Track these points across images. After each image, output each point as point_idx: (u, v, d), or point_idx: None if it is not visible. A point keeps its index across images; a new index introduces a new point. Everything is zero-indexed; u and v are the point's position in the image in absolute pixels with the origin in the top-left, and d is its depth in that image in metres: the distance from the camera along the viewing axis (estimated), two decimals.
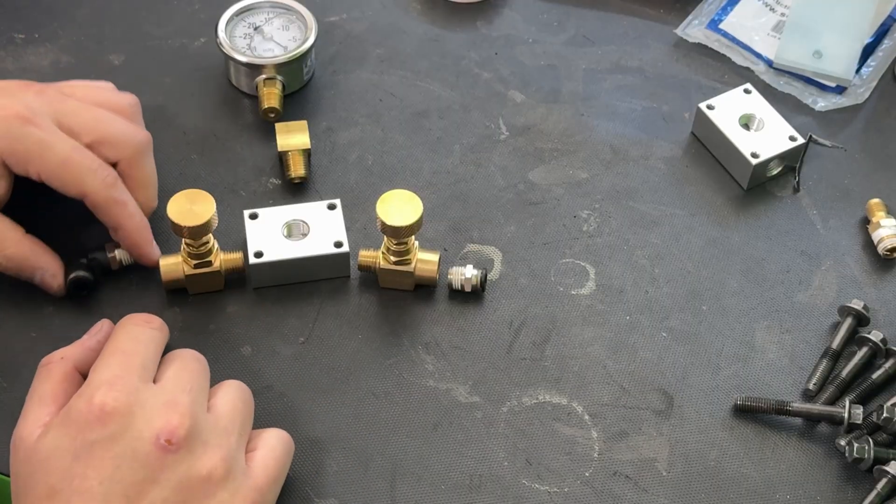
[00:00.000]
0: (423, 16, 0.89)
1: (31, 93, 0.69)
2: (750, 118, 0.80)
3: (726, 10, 0.89)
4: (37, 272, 0.69)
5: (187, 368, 0.61)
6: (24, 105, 0.68)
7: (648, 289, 0.73)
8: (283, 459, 0.61)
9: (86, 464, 0.55)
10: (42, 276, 0.70)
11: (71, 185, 0.69)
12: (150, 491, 0.55)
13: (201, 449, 0.57)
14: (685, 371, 0.70)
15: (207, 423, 0.59)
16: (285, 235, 0.72)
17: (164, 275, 0.70)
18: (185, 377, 0.60)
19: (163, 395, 0.58)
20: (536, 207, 0.77)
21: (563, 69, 0.86)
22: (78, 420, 0.57)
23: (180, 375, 0.60)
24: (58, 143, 0.68)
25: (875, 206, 0.77)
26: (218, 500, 0.57)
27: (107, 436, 0.56)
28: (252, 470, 0.59)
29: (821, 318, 0.72)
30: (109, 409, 0.56)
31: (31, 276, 0.69)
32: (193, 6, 0.88)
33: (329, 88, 0.84)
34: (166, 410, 0.57)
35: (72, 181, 0.68)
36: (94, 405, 0.56)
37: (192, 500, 0.56)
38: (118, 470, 0.55)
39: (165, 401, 0.58)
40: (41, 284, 0.70)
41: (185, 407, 0.58)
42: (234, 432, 0.59)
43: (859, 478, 0.65)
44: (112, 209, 0.69)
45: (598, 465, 0.65)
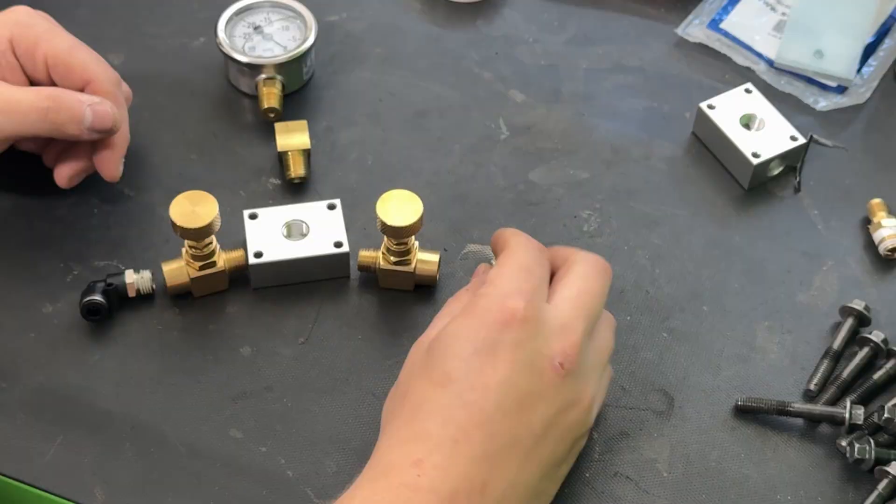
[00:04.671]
0: (423, 15, 0.89)
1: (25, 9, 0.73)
2: (751, 118, 0.80)
3: (727, 9, 0.89)
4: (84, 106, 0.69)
5: (589, 291, 0.61)
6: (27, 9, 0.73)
7: (649, 289, 0.73)
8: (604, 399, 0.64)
9: (485, 360, 0.56)
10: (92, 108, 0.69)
11: (77, 70, 0.71)
12: (537, 405, 0.57)
13: (580, 379, 0.59)
14: (686, 371, 0.70)
15: (588, 355, 0.60)
16: (285, 235, 0.72)
17: (168, 280, 0.70)
18: (584, 301, 0.61)
19: (561, 317, 0.59)
20: (537, 207, 0.77)
21: (563, 69, 0.86)
22: (485, 317, 0.57)
23: (580, 298, 0.61)
24: (65, 34, 0.72)
25: (876, 206, 0.77)
26: (578, 429, 0.59)
27: (511, 340, 0.57)
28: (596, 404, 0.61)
29: (822, 318, 0.72)
30: (520, 317, 0.57)
31: (82, 112, 0.69)
32: (193, 6, 0.88)
33: (329, 88, 0.84)
34: (563, 333, 0.58)
35: (79, 65, 0.71)
36: (507, 308, 0.57)
37: (564, 423, 0.58)
38: (515, 374, 0.56)
39: (562, 324, 0.59)
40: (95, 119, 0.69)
41: (579, 336, 0.59)
42: (598, 368, 0.61)
43: (860, 478, 0.65)
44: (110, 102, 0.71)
45: (598, 465, 0.65)
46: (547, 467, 0.58)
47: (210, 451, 0.65)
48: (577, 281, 0.62)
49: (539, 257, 0.62)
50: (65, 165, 0.73)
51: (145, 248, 0.74)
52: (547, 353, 0.57)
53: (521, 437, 0.56)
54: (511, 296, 0.58)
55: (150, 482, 0.64)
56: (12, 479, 0.64)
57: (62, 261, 0.72)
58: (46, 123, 0.69)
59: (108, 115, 0.70)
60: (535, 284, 0.60)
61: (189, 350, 0.69)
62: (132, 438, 0.65)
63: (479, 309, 0.58)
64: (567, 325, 0.59)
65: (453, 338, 0.58)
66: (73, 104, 0.69)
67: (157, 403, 0.67)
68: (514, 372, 0.56)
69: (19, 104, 0.68)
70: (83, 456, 0.64)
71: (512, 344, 0.57)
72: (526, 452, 0.56)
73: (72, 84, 0.71)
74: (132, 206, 0.76)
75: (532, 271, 0.61)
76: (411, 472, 0.54)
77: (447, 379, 0.56)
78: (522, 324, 0.57)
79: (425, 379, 0.57)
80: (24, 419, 0.66)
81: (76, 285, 0.71)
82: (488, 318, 0.57)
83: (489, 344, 0.57)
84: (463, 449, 0.55)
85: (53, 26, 0.72)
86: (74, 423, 0.66)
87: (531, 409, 0.56)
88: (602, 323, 0.63)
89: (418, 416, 0.56)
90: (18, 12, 0.72)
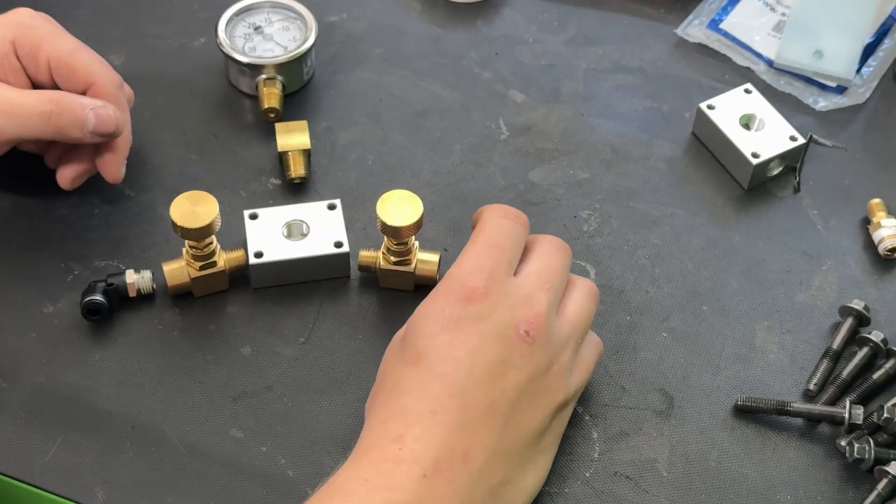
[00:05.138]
0: (423, 16, 0.89)
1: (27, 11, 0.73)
2: (750, 118, 0.80)
3: (727, 9, 0.89)
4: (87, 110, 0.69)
5: (550, 266, 0.64)
6: (29, 11, 0.73)
7: (649, 289, 0.73)
8: (590, 369, 0.65)
9: (452, 334, 0.59)
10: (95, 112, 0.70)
11: (80, 72, 0.71)
12: (508, 372, 0.59)
13: (549, 348, 0.61)
14: (685, 371, 0.70)
15: (557, 326, 0.62)
16: (285, 235, 0.72)
17: (169, 280, 0.70)
18: (545, 275, 0.63)
19: (524, 290, 0.61)
20: (537, 207, 0.77)
21: (563, 69, 0.86)
22: (448, 296, 0.60)
23: (541, 273, 0.63)
24: (67, 36, 0.72)
25: (876, 206, 0.77)
26: (551, 395, 0.60)
27: (474, 314, 0.59)
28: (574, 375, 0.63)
29: (821, 318, 0.72)
30: (480, 293, 0.60)
31: (84, 117, 0.69)
32: (193, 6, 0.88)
33: (329, 88, 0.84)
34: (526, 304, 0.61)
35: (81, 67, 0.71)
36: (467, 286, 0.60)
37: (536, 390, 0.59)
38: (482, 345, 0.59)
39: (526, 296, 0.61)
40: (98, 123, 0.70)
41: (542, 306, 0.61)
42: (574, 339, 0.63)
43: (860, 478, 0.65)
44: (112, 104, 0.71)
45: (598, 465, 0.65)
46: (529, 434, 0.59)
47: (210, 450, 0.65)
48: (538, 258, 0.64)
49: (510, 229, 0.64)
50: (67, 167, 0.73)
51: (146, 248, 0.74)
52: (512, 322, 0.59)
53: (497, 404, 0.58)
54: (472, 274, 0.61)
55: (150, 482, 0.64)
56: (12, 478, 0.64)
57: (62, 261, 0.72)
58: (49, 127, 0.69)
59: (110, 119, 0.70)
60: (499, 259, 0.62)
61: (189, 350, 0.69)
62: (132, 438, 0.65)
63: (443, 289, 0.61)
64: (530, 297, 0.61)
65: (421, 319, 0.60)
66: (75, 108, 0.69)
67: (157, 403, 0.67)
68: (481, 343, 0.59)
69: (22, 107, 0.68)
70: (83, 456, 0.64)
71: (475, 317, 0.59)
72: (504, 419, 0.58)
73: (74, 86, 0.71)
74: (132, 206, 0.76)
75: (498, 245, 0.63)
76: (392, 447, 0.56)
77: (419, 357, 0.59)
78: (484, 298, 0.60)
79: (399, 362, 0.60)
80: (24, 419, 0.66)
81: (76, 285, 0.71)
82: (451, 296, 0.60)
83: (454, 319, 0.59)
84: (441, 419, 0.56)
85: (56, 28, 0.72)
86: (75, 423, 0.66)
87: (502, 377, 0.58)
88: (575, 292, 0.65)
89: (395, 395, 0.59)
90: (21, 14, 0.72)
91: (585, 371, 0.64)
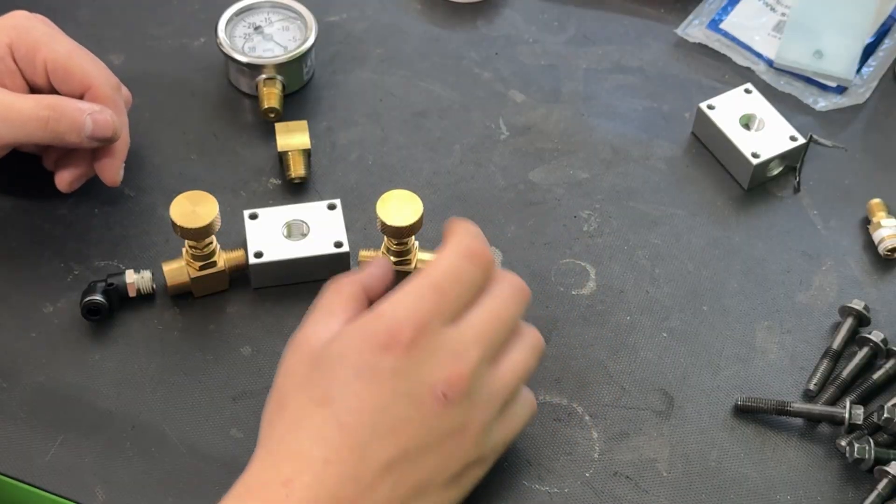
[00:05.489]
0: (423, 16, 0.89)
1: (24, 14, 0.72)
2: (750, 118, 0.80)
3: (727, 9, 0.89)
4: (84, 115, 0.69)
5: (497, 315, 0.59)
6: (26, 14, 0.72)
7: (649, 289, 0.73)
8: (518, 429, 0.62)
9: (365, 384, 0.56)
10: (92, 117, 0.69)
11: (77, 75, 0.70)
12: (414, 432, 0.56)
13: (470, 409, 0.57)
14: (686, 371, 0.70)
15: (484, 384, 0.58)
16: (285, 235, 0.72)
17: (168, 280, 0.70)
18: (487, 326, 0.59)
19: (457, 343, 0.57)
20: (537, 207, 0.77)
21: (563, 69, 0.86)
22: (371, 341, 0.56)
23: (485, 323, 0.59)
24: (64, 38, 0.72)
25: (876, 206, 0.77)
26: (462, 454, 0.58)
27: (391, 368, 0.56)
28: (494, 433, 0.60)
29: (821, 318, 0.72)
30: (404, 345, 0.56)
31: (82, 121, 0.69)
32: (193, 6, 0.88)
33: (329, 88, 0.84)
34: (453, 361, 0.57)
35: (78, 70, 0.70)
36: (392, 337, 0.56)
37: (444, 450, 0.57)
38: (392, 403, 0.56)
39: (456, 351, 0.57)
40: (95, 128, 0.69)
41: (471, 364, 0.57)
42: (502, 396, 0.59)
43: (860, 478, 0.65)
44: (110, 108, 0.71)
45: (598, 465, 0.65)
46: (428, 491, 0.57)
47: (210, 450, 0.65)
48: (488, 302, 0.60)
49: (465, 274, 0.59)
50: (66, 170, 0.73)
51: (145, 248, 0.74)
52: (429, 382, 0.56)
53: (396, 461, 0.55)
54: (402, 322, 0.56)
55: (150, 482, 0.64)
56: (12, 478, 0.64)
57: (62, 261, 0.72)
58: (46, 132, 0.69)
59: (108, 124, 0.70)
60: (437, 308, 0.57)
61: (189, 350, 0.69)
62: (132, 438, 0.65)
63: (368, 330, 0.57)
64: (460, 353, 0.57)
65: (338, 359, 0.57)
66: (73, 113, 0.69)
67: (157, 403, 0.67)
68: (392, 400, 0.56)
69: (19, 112, 0.68)
70: (83, 456, 0.64)
71: (392, 371, 0.56)
72: (400, 476, 0.56)
73: (71, 90, 0.71)
74: (132, 206, 0.76)
75: (444, 292, 0.58)
76: (280, 491, 0.54)
77: (325, 399, 0.56)
78: (406, 351, 0.56)
79: (305, 395, 0.57)
80: (24, 419, 0.66)
81: (76, 285, 0.71)
82: (374, 342, 0.56)
83: (370, 368, 0.56)
84: (333, 469, 0.54)
85: (53, 30, 0.72)
86: (75, 423, 0.66)
87: (407, 436, 0.56)
88: (517, 344, 0.61)
89: (294, 433, 0.56)
90: (17, 17, 0.72)
91: (512, 429, 0.61)
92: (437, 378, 0.56)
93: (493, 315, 0.59)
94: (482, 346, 0.58)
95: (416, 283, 0.58)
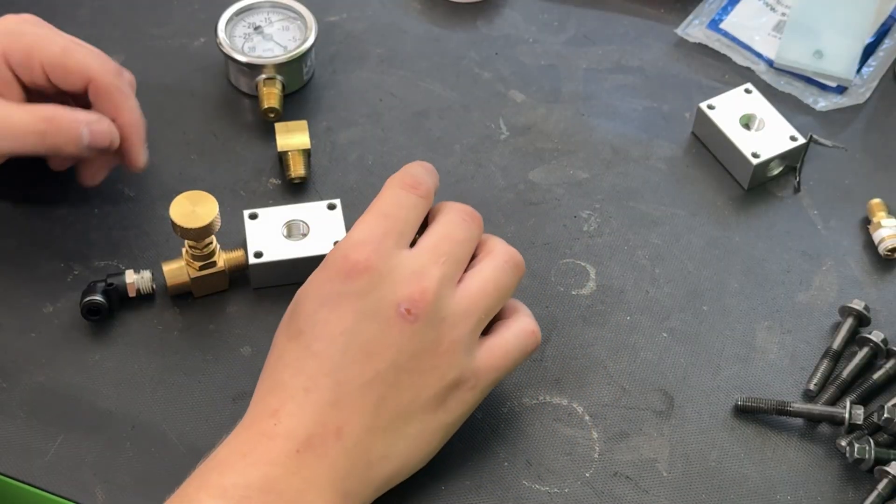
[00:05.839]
0: (423, 16, 0.89)
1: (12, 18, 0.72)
2: (750, 118, 0.80)
3: (727, 9, 0.89)
4: (82, 126, 0.68)
5: (450, 237, 0.62)
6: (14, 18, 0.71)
7: (649, 289, 0.73)
8: (513, 354, 0.63)
9: (330, 311, 0.59)
10: (89, 128, 0.68)
11: (75, 71, 0.69)
12: (384, 352, 0.58)
13: (438, 325, 0.59)
14: (686, 371, 0.70)
15: (451, 301, 0.60)
16: (285, 235, 0.72)
17: (168, 280, 0.70)
18: (443, 247, 0.61)
19: (414, 264, 0.60)
20: (537, 207, 0.77)
21: (563, 69, 0.86)
22: (330, 270, 0.60)
23: (439, 245, 0.61)
24: (56, 35, 0.71)
25: (876, 206, 0.77)
26: (438, 373, 0.59)
27: (354, 290, 0.59)
28: (479, 353, 0.61)
29: (821, 318, 0.72)
30: (361, 267, 0.59)
31: (78, 133, 0.68)
32: (193, 6, 0.88)
33: (329, 88, 0.84)
34: (414, 279, 0.59)
35: (75, 65, 0.69)
36: (349, 260, 0.59)
37: (419, 368, 0.59)
38: (358, 324, 0.58)
39: (414, 270, 0.60)
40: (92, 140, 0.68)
41: (432, 281, 0.60)
42: (474, 315, 0.61)
43: (860, 478, 0.65)
44: (115, 96, 0.70)
45: (598, 465, 0.65)
46: (410, 412, 0.59)
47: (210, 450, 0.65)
48: (439, 228, 0.63)
49: (405, 199, 0.62)
50: (87, 165, 0.73)
51: (145, 248, 0.74)
52: (392, 300, 0.59)
53: (372, 382, 0.58)
54: (355, 246, 0.60)
55: (150, 482, 0.64)
56: (12, 479, 0.64)
57: (62, 261, 0.72)
58: (44, 145, 0.69)
59: (104, 135, 0.69)
60: (388, 230, 0.61)
61: (189, 350, 0.69)
62: (132, 438, 0.65)
63: (328, 262, 0.60)
64: (419, 272, 0.60)
65: (305, 294, 0.60)
66: (69, 125, 0.68)
67: (157, 403, 0.67)
68: (357, 321, 0.58)
69: (15, 126, 0.68)
70: (83, 456, 0.64)
71: (355, 294, 0.58)
72: (380, 398, 0.58)
73: (73, 86, 0.70)
74: (132, 206, 0.76)
75: (390, 215, 0.61)
76: (269, 422, 0.57)
77: (298, 332, 0.59)
78: (364, 273, 0.59)
79: (284, 333, 0.60)
80: (24, 419, 0.66)
81: (76, 285, 0.71)
82: (333, 270, 0.60)
83: (334, 296, 0.59)
84: (314, 396, 0.57)
85: (44, 29, 0.71)
86: (74, 422, 0.66)
87: (378, 356, 0.58)
88: (486, 263, 0.63)
89: (276, 368, 0.59)
90: (6, 22, 0.71)
91: (503, 355, 0.62)
92: (400, 296, 0.59)
93: (446, 237, 0.62)
94: (440, 263, 0.60)
95: (363, 217, 0.62)
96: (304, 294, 0.60)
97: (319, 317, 0.59)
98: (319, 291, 0.60)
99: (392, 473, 0.60)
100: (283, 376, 0.59)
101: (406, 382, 0.59)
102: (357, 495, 0.58)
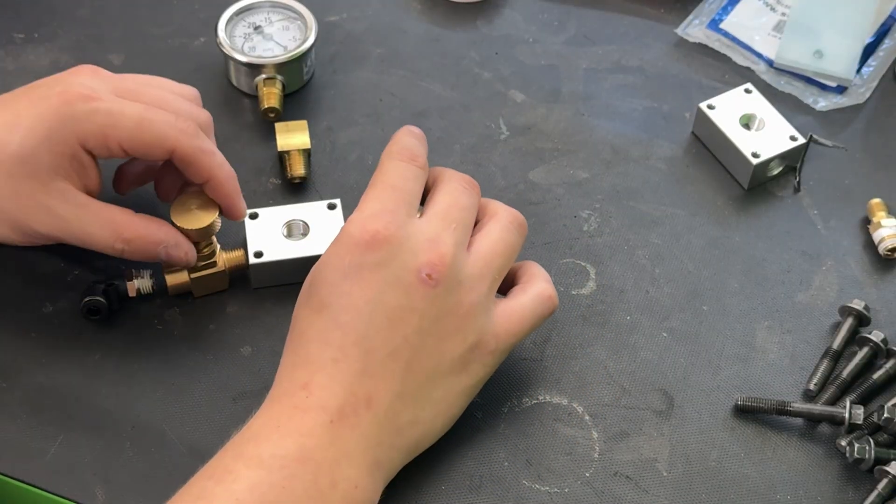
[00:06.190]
0: (423, 16, 0.89)
1: (84, 75, 0.68)
2: (750, 118, 0.80)
3: (727, 9, 0.89)
4: (159, 248, 0.67)
5: (456, 204, 0.64)
6: (81, 85, 0.66)
7: (649, 289, 0.73)
8: (530, 318, 0.64)
9: (353, 283, 0.60)
10: (166, 251, 0.68)
11: (154, 145, 0.66)
12: (409, 318, 0.60)
13: (457, 288, 0.61)
14: (686, 371, 0.70)
15: (465, 264, 0.62)
16: (285, 235, 0.72)
17: (169, 280, 0.70)
18: (451, 214, 0.63)
19: (428, 231, 0.61)
20: (537, 207, 0.77)
21: (563, 69, 0.86)
22: (349, 243, 0.60)
23: (448, 213, 0.63)
24: (126, 108, 0.66)
25: (876, 206, 0.77)
26: (461, 336, 0.61)
27: (375, 261, 0.60)
28: (496, 316, 0.63)
29: (821, 318, 0.72)
30: (381, 238, 0.60)
31: (155, 253, 0.67)
32: (193, 6, 0.88)
33: (329, 88, 0.84)
34: (430, 246, 0.61)
35: (153, 139, 0.66)
36: (367, 231, 0.60)
37: (441, 332, 0.60)
38: (382, 293, 0.59)
39: (429, 237, 0.61)
40: (168, 259, 0.68)
41: (448, 246, 0.61)
42: (488, 276, 0.63)
43: (860, 478, 0.65)
44: (201, 159, 0.67)
45: (598, 465, 0.65)
46: (437, 376, 0.61)
47: (210, 450, 0.65)
48: (444, 197, 0.64)
49: (407, 171, 0.64)
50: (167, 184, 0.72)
51: None
52: (414, 267, 0.60)
53: (399, 349, 0.59)
54: (371, 218, 0.61)
55: (150, 482, 0.64)
56: (12, 479, 0.64)
57: (62, 261, 0.72)
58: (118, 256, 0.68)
59: (181, 260, 0.68)
60: (398, 201, 0.62)
61: (189, 350, 0.69)
62: (132, 438, 0.65)
63: (344, 235, 0.61)
64: (434, 238, 0.61)
65: (324, 266, 0.61)
66: (147, 248, 0.67)
67: (157, 403, 0.67)
68: (381, 290, 0.59)
69: (93, 240, 0.66)
70: (83, 456, 0.64)
71: (375, 264, 0.60)
72: (406, 364, 0.59)
73: (154, 157, 0.67)
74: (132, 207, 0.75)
75: (397, 187, 0.63)
76: (300, 394, 0.58)
77: (322, 305, 0.60)
78: (384, 243, 0.60)
79: (306, 307, 0.61)
80: (24, 419, 0.66)
81: (76, 285, 0.71)
82: (351, 242, 0.60)
83: (355, 267, 0.60)
84: (343, 367, 0.58)
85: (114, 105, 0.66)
86: (74, 422, 0.66)
87: (404, 322, 0.59)
88: (491, 225, 0.64)
89: (301, 342, 0.60)
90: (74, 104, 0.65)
91: (518, 318, 0.64)
92: (420, 262, 0.60)
93: (453, 205, 0.63)
94: (451, 230, 0.62)
95: (371, 191, 0.63)
96: (324, 268, 0.61)
97: (343, 289, 0.59)
98: (340, 264, 0.60)
99: (419, 438, 0.61)
100: (310, 349, 0.59)
101: (430, 347, 0.60)
102: (387, 461, 0.59)
